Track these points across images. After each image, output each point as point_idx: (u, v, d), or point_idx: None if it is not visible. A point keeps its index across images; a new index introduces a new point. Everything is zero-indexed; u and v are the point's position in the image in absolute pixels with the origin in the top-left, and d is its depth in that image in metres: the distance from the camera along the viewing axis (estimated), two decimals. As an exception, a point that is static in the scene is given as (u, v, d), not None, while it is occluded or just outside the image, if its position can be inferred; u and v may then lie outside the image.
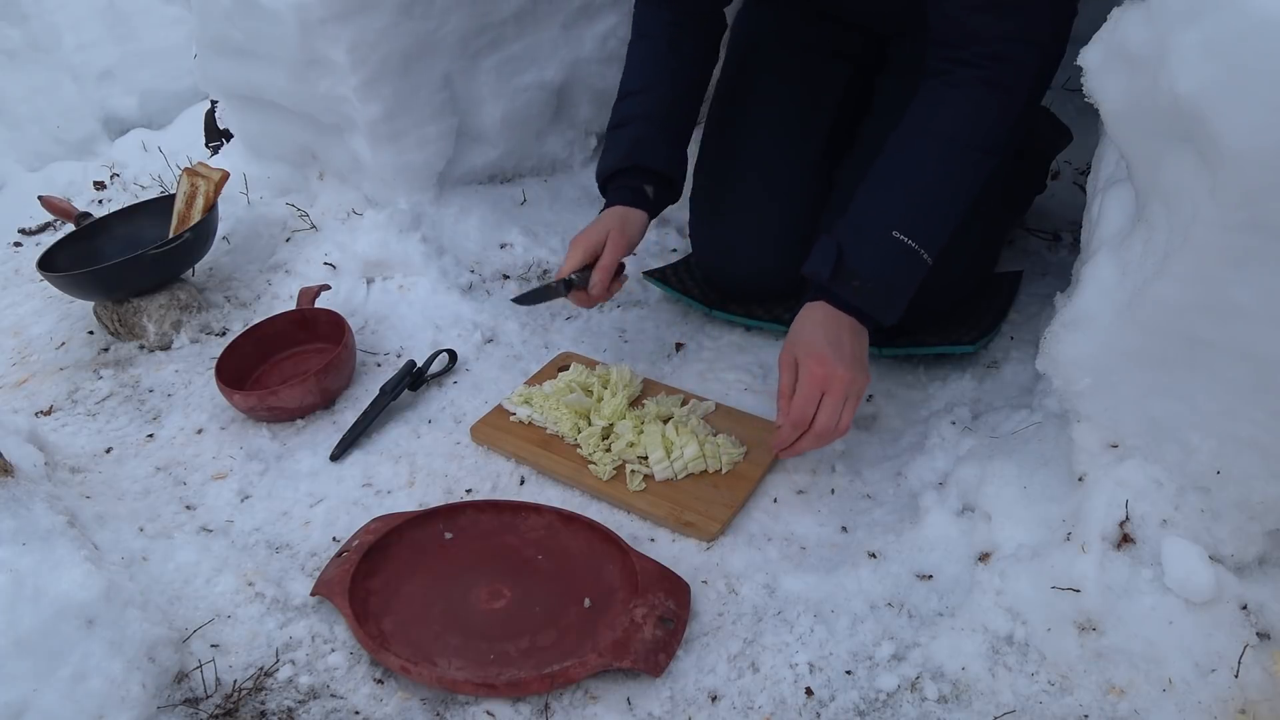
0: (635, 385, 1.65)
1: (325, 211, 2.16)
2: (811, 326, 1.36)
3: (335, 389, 1.73)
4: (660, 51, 1.68)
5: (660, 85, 1.67)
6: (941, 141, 1.36)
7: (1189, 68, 0.89)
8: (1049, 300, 1.36)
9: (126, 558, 1.37)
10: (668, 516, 1.41)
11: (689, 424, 1.53)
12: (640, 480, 1.46)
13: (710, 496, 1.43)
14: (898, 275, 1.36)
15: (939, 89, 1.37)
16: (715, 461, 1.47)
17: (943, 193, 1.37)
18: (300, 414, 1.70)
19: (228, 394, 1.68)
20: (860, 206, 1.39)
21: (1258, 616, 1.07)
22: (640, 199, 1.63)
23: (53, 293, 2.07)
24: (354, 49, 1.89)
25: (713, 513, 1.40)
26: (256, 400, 1.66)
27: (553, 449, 1.55)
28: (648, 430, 1.52)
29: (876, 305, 1.36)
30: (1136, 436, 1.12)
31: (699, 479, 1.47)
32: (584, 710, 1.16)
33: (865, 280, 1.34)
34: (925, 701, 1.13)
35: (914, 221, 1.35)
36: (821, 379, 1.31)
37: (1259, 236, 0.92)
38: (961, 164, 1.36)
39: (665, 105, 1.66)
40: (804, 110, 1.78)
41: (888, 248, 1.34)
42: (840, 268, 1.35)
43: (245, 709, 1.18)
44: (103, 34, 2.82)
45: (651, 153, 1.63)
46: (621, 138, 1.65)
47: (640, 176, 1.64)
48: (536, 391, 1.64)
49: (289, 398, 1.66)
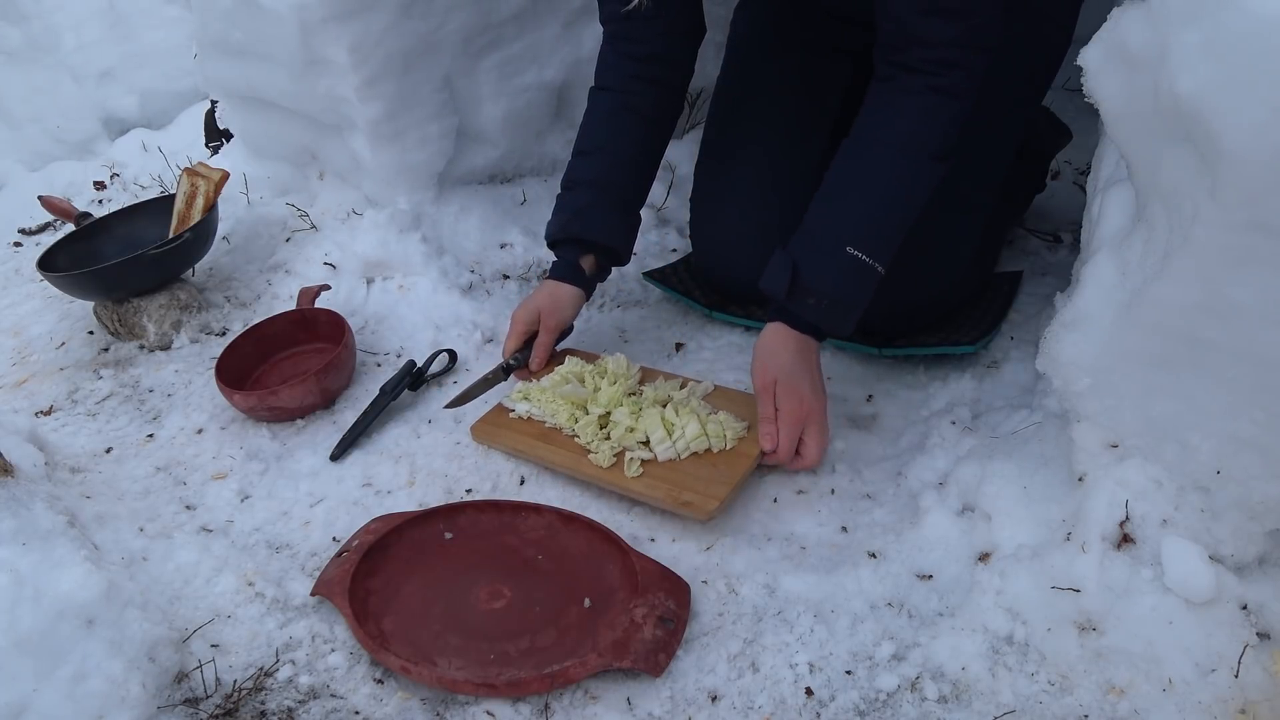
0: (633, 375, 1.64)
1: (325, 211, 2.16)
2: (785, 354, 1.41)
3: (335, 389, 1.73)
4: (615, 109, 1.67)
5: (612, 148, 1.66)
6: (892, 151, 1.37)
7: (1189, 68, 0.89)
8: (1049, 300, 1.36)
9: (126, 558, 1.37)
10: (665, 497, 1.40)
11: (689, 404, 1.53)
12: (638, 466, 1.45)
13: (709, 475, 1.42)
14: (852, 290, 1.39)
15: (887, 95, 1.38)
16: (719, 440, 1.46)
17: (894, 203, 1.38)
18: (300, 414, 1.69)
19: (227, 394, 1.67)
20: (813, 219, 1.41)
21: (1258, 616, 1.07)
22: (576, 274, 1.67)
23: (53, 293, 2.07)
24: (354, 49, 1.89)
25: (710, 490, 1.39)
26: (256, 400, 1.66)
27: (551, 441, 1.54)
28: (646, 413, 1.51)
29: (833, 321, 1.41)
30: (1136, 436, 1.12)
31: (700, 459, 1.46)
32: (584, 710, 1.16)
33: (821, 297, 1.38)
34: (925, 701, 1.13)
35: (866, 235, 1.37)
36: (803, 416, 1.39)
37: (1259, 236, 0.92)
38: (912, 173, 1.37)
39: (615, 170, 1.66)
40: (805, 109, 1.77)
41: (842, 263, 1.36)
42: (796, 285, 1.38)
43: (245, 709, 1.18)
44: (103, 34, 2.82)
45: (594, 224, 1.65)
46: (567, 204, 1.67)
47: (581, 248, 1.66)
48: (534, 387, 1.64)
49: (289, 398, 1.66)
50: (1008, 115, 1.63)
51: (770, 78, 1.79)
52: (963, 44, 1.32)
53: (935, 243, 1.61)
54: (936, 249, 1.62)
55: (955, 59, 1.33)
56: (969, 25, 1.32)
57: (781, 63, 1.79)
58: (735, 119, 1.82)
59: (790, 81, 1.77)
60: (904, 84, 1.35)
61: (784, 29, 1.79)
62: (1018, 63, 1.40)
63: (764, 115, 1.78)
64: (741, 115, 1.81)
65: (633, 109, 1.66)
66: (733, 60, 1.86)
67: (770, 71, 1.79)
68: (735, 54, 1.85)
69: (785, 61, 1.78)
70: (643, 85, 1.66)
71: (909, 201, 1.38)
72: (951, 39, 1.32)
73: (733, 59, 1.86)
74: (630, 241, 1.72)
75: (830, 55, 1.77)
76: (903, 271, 1.59)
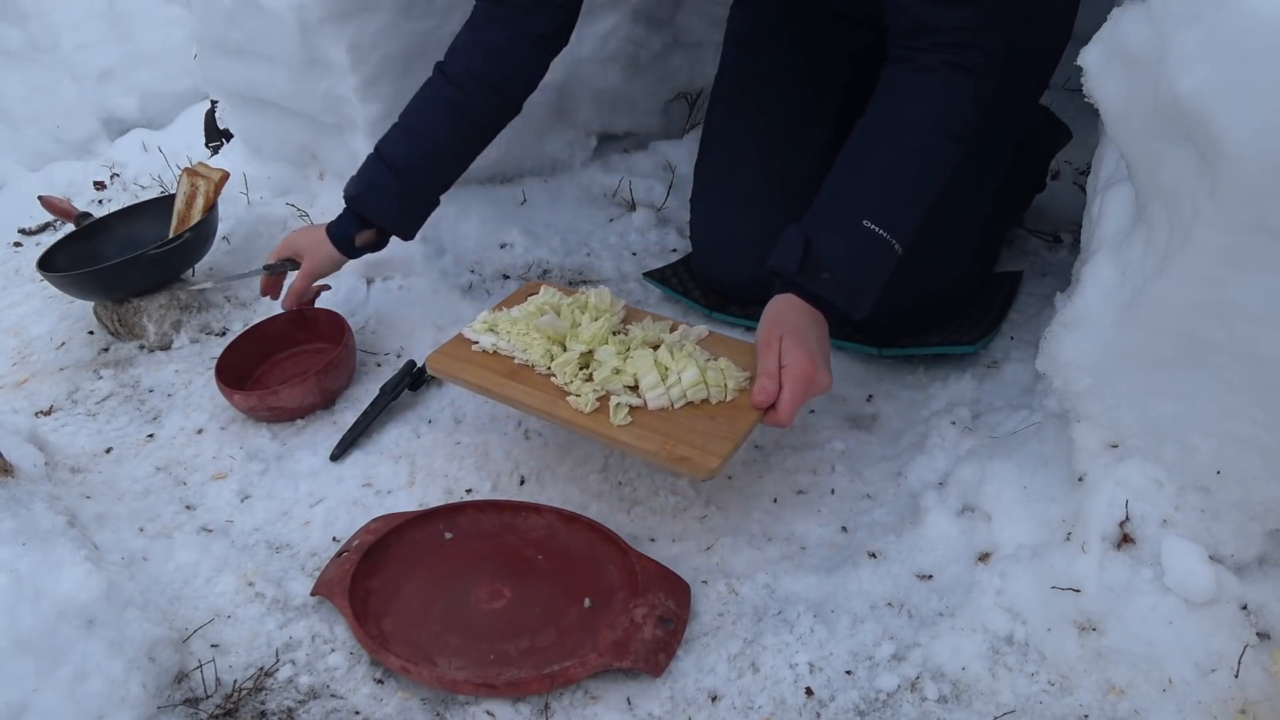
0: (617, 312, 1.46)
1: (325, 211, 2.16)
2: (798, 317, 1.31)
3: (335, 389, 1.73)
4: (444, 101, 1.63)
5: (428, 136, 1.64)
6: (911, 127, 1.32)
7: (1189, 68, 0.89)
8: (1049, 300, 1.36)
9: (126, 558, 1.37)
10: (659, 451, 1.24)
11: (684, 348, 1.37)
12: (625, 413, 1.29)
13: (707, 429, 1.26)
14: (869, 266, 1.31)
15: (905, 74, 1.33)
16: (719, 389, 1.31)
17: (914, 180, 1.32)
18: (300, 414, 1.69)
19: (227, 394, 1.67)
20: (828, 195, 1.34)
21: (1258, 616, 1.07)
22: (346, 244, 1.70)
23: (53, 293, 2.07)
24: (354, 49, 1.89)
25: (711, 445, 1.23)
26: (256, 400, 1.66)
27: (522, 379, 1.36)
28: (637, 354, 1.34)
29: (847, 298, 1.31)
30: (1136, 436, 1.12)
31: (695, 410, 1.30)
32: (584, 710, 1.16)
33: (835, 272, 1.29)
34: (925, 701, 1.13)
35: (885, 210, 1.30)
36: (810, 379, 1.27)
37: (1259, 236, 0.92)
38: (932, 149, 1.32)
39: (417, 160, 1.64)
40: (805, 108, 1.77)
41: (859, 238, 1.29)
42: (809, 259, 1.30)
43: (245, 709, 1.18)
44: (103, 34, 2.82)
45: (378, 206, 1.66)
46: (364, 174, 1.67)
47: (357, 221, 1.68)
48: (503, 316, 1.46)
49: (289, 398, 1.66)
50: (1007, 112, 1.63)
51: (768, 76, 1.78)
52: (976, 27, 1.29)
53: (934, 242, 1.61)
54: (936, 248, 1.62)
55: (970, 40, 1.30)
56: (980, 8, 1.29)
57: (780, 61, 1.78)
58: (734, 119, 1.82)
59: (789, 80, 1.76)
60: (921, 63, 1.32)
61: (782, 27, 1.78)
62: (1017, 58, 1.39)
63: (763, 115, 1.77)
64: (740, 115, 1.81)
65: (460, 107, 1.63)
66: (730, 59, 1.85)
67: (768, 70, 1.78)
68: (733, 53, 1.85)
69: (783, 60, 1.77)
70: (479, 87, 1.62)
71: (928, 179, 1.33)
72: (964, 23, 1.29)
73: (730, 58, 1.85)
74: (416, 225, 1.71)
75: (829, 53, 1.76)
76: (902, 271, 1.59)
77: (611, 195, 2.25)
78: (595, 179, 2.30)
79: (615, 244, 2.12)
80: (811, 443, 1.55)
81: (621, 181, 2.26)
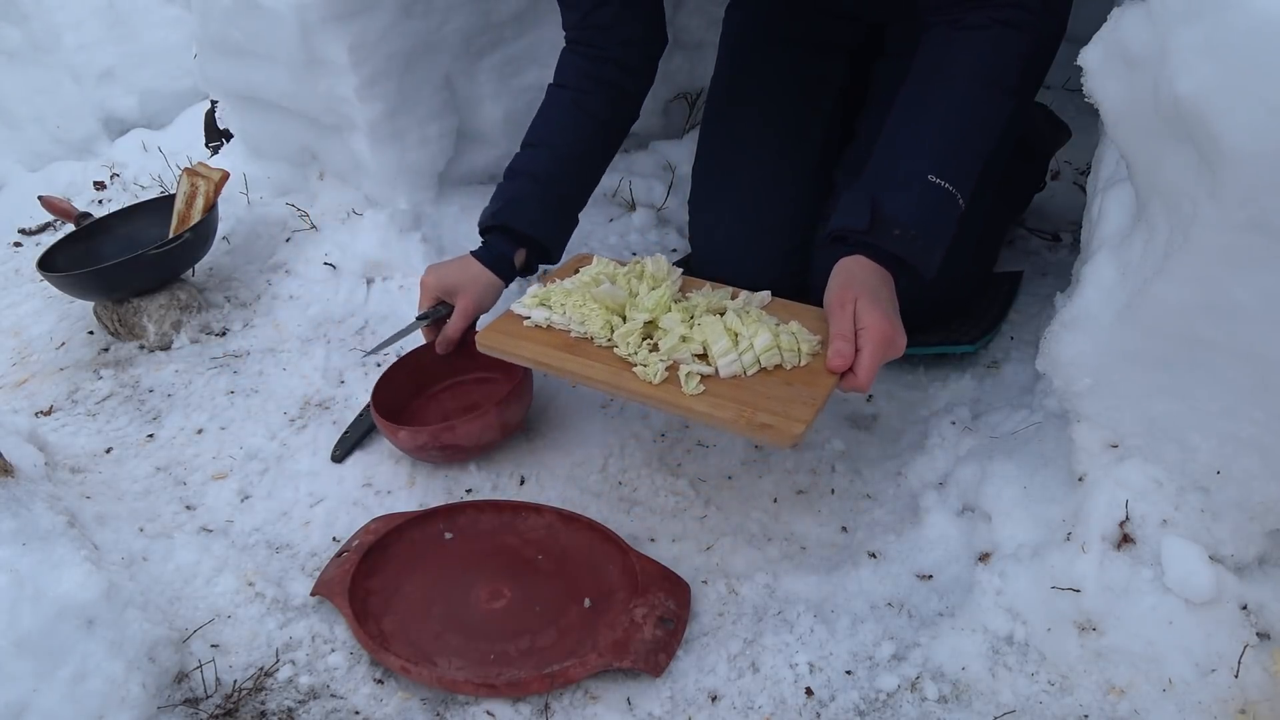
0: (675, 280, 1.41)
1: (325, 211, 2.16)
2: (871, 278, 1.26)
3: (514, 423, 1.54)
4: (565, 105, 1.63)
5: (557, 143, 1.62)
6: (964, 79, 1.30)
7: (1189, 68, 0.89)
8: (1049, 300, 1.36)
9: (126, 558, 1.37)
10: (737, 418, 1.18)
11: (751, 314, 1.31)
12: (697, 382, 1.23)
13: (785, 395, 1.20)
14: (938, 221, 1.28)
15: (948, 32, 1.32)
16: (793, 353, 1.25)
17: (971, 132, 1.30)
18: (476, 453, 1.53)
19: (390, 431, 1.49)
20: (886, 153, 1.32)
21: (1258, 616, 1.07)
22: (504, 265, 1.60)
23: (53, 293, 2.07)
24: (354, 49, 1.89)
25: (793, 411, 1.17)
26: (429, 438, 1.48)
27: (582, 352, 1.31)
28: (706, 320, 1.29)
29: (919, 253, 1.28)
30: (1136, 436, 1.12)
31: (767, 376, 1.24)
32: (584, 710, 1.16)
33: (907, 228, 1.26)
34: (925, 701, 1.13)
35: (946, 163, 1.28)
36: (890, 340, 1.21)
37: (1259, 236, 0.91)
38: (986, 101, 1.30)
39: (556, 166, 1.61)
40: (801, 109, 1.77)
41: (925, 193, 1.27)
42: (878, 217, 1.26)
43: (245, 709, 1.18)
44: (103, 34, 2.82)
45: (525, 216, 1.59)
46: (503, 192, 1.62)
47: (511, 238, 1.60)
48: (555, 289, 1.40)
49: (466, 434, 1.47)
50: None
51: (765, 77, 1.78)
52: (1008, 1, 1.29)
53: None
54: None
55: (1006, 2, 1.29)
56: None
57: (776, 62, 1.78)
58: (731, 120, 1.82)
59: (785, 80, 1.76)
60: (966, 21, 1.30)
61: (776, 28, 1.78)
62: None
63: (759, 115, 1.77)
64: (737, 116, 1.81)
65: (583, 107, 1.63)
66: (726, 61, 1.85)
67: (764, 71, 1.78)
68: (728, 54, 1.85)
69: (779, 60, 1.77)
70: (596, 86, 1.63)
71: (984, 130, 1.31)
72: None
73: (726, 59, 1.85)
74: (563, 240, 1.66)
75: (824, 53, 1.76)
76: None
77: (611, 195, 2.25)
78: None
79: (615, 244, 2.12)
80: (811, 443, 1.55)
81: (621, 181, 2.26)
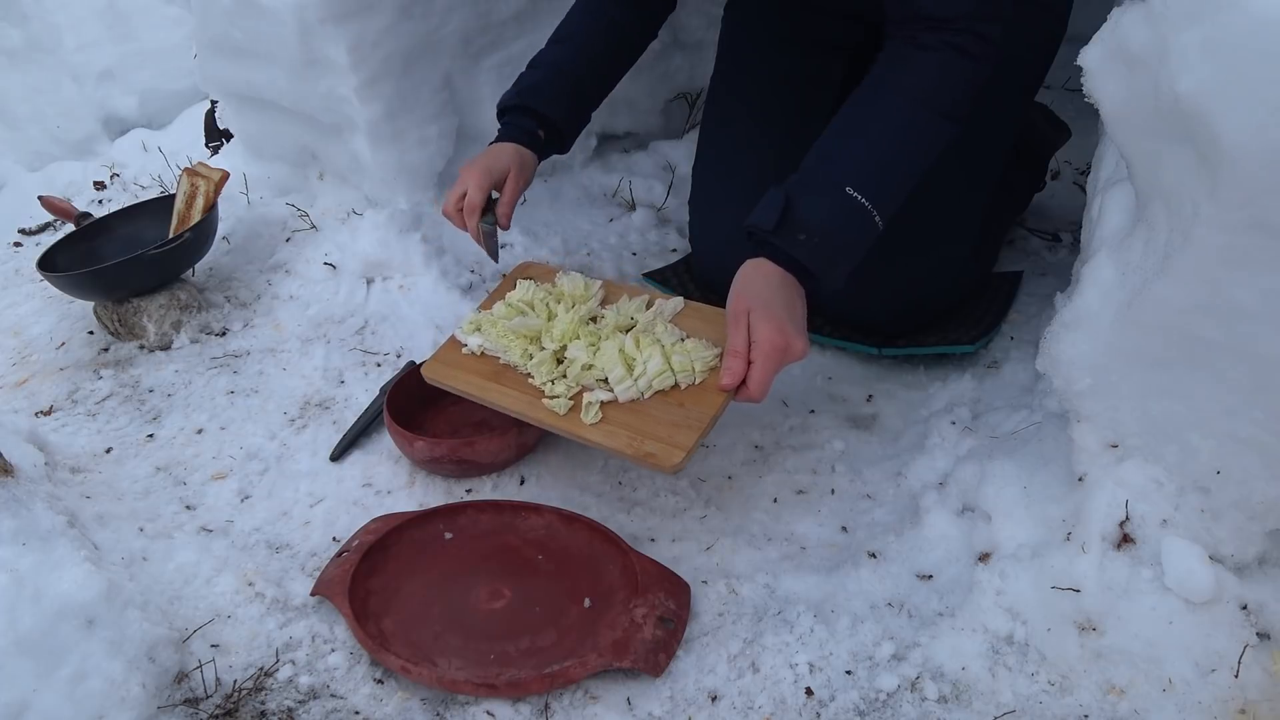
0: (593, 295, 1.46)
1: (325, 211, 2.16)
2: (764, 284, 1.28)
3: (530, 444, 1.53)
4: (592, 9, 1.71)
5: (581, 41, 1.69)
6: (902, 99, 1.31)
7: (1189, 68, 0.89)
8: (1049, 300, 1.36)
9: (126, 558, 1.37)
10: (626, 448, 1.25)
11: (654, 331, 1.36)
12: (596, 411, 1.29)
13: (675, 418, 1.25)
14: (847, 231, 1.29)
15: (901, 49, 1.33)
16: (686, 374, 1.29)
17: (899, 152, 1.31)
18: (492, 469, 1.51)
19: (406, 440, 1.48)
20: (813, 159, 1.33)
21: (1258, 616, 1.07)
22: (532, 140, 1.65)
23: (53, 293, 2.07)
24: (354, 49, 1.89)
25: (677, 437, 1.22)
26: (447, 451, 1.46)
27: (504, 381, 1.39)
28: (604, 347, 1.34)
29: (823, 263, 1.28)
30: (1136, 436, 1.12)
31: (666, 397, 1.29)
32: (584, 710, 1.16)
33: (813, 234, 1.27)
34: (925, 701, 1.13)
35: (867, 178, 1.28)
36: (783, 350, 1.24)
37: (1259, 236, 0.92)
38: (921, 125, 1.31)
39: (577, 61, 1.68)
40: (800, 108, 1.76)
41: (839, 202, 1.27)
42: (787, 218, 1.27)
43: (245, 709, 1.18)
44: (103, 34, 2.82)
45: (546, 99, 1.64)
46: (526, 77, 1.68)
47: (532, 118, 1.65)
48: (485, 317, 1.47)
49: (485, 451, 1.46)
50: (1002, 106, 1.62)
51: (763, 77, 1.78)
52: (976, 15, 1.29)
53: (933, 239, 1.61)
54: (934, 245, 1.62)
55: (969, 28, 1.29)
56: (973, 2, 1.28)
57: (774, 61, 1.77)
58: (730, 120, 1.82)
59: (783, 80, 1.76)
60: (920, 40, 1.31)
61: (774, 28, 1.78)
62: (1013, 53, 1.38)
63: (759, 115, 1.77)
64: (736, 116, 1.81)
65: (608, 13, 1.70)
66: (724, 61, 1.85)
67: (763, 70, 1.78)
68: (727, 54, 1.84)
69: (778, 60, 1.77)
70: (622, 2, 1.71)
71: (915, 154, 1.32)
72: (965, 12, 1.29)
73: (725, 59, 1.85)
74: (576, 128, 1.71)
75: (822, 52, 1.75)
76: (902, 269, 1.60)
77: (611, 195, 2.25)
78: (595, 179, 2.30)
79: (615, 244, 2.12)
80: (811, 443, 1.55)
81: (621, 181, 2.26)
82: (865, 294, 1.64)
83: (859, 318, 1.69)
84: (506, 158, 1.60)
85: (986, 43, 1.30)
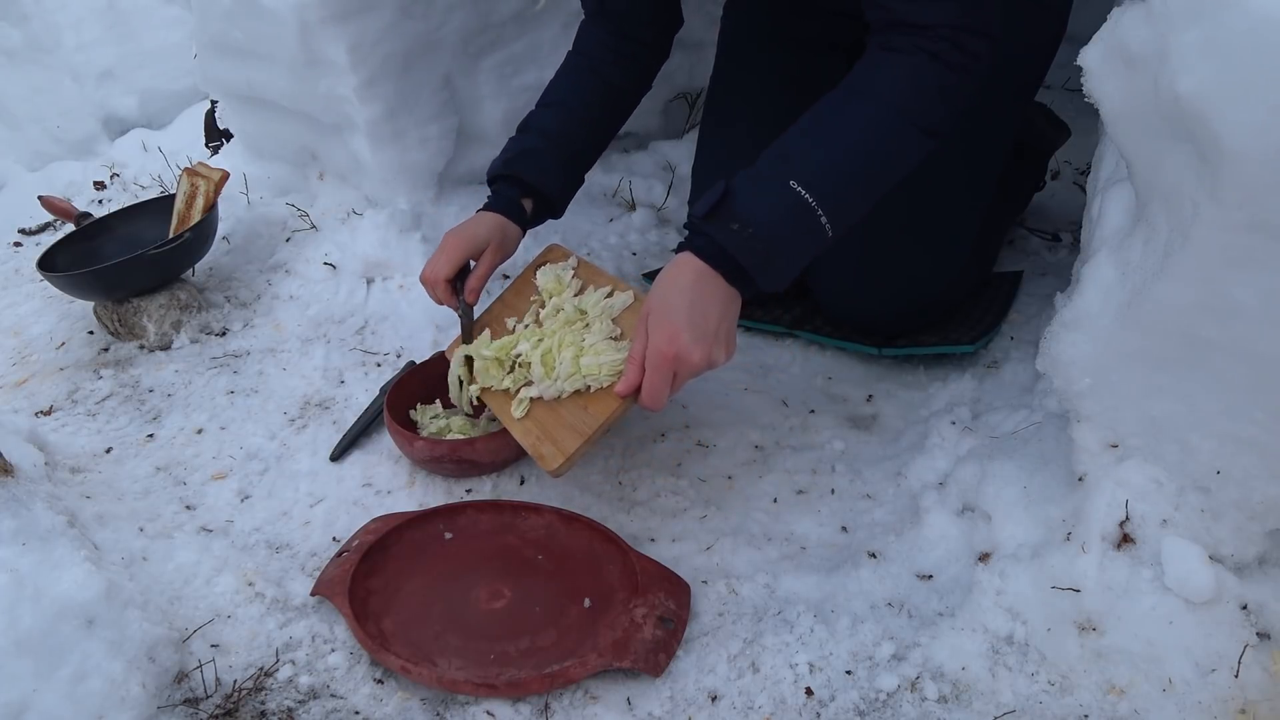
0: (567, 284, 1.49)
1: (325, 211, 2.16)
2: (674, 290, 1.21)
3: None
4: (581, 70, 1.67)
5: (570, 104, 1.64)
6: (869, 103, 1.23)
7: (1189, 68, 0.89)
8: (1049, 300, 1.36)
9: (126, 558, 1.37)
10: (530, 446, 1.31)
11: (594, 328, 1.37)
12: (525, 405, 1.33)
13: (574, 421, 1.27)
14: (785, 229, 1.20)
15: (877, 53, 1.27)
16: (594, 377, 1.29)
17: (860, 157, 1.23)
18: (488, 470, 1.51)
19: (405, 440, 1.49)
20: (767, 154, 1.26)
21: (1258, 616, 1.06)
22: (517, 212, 1.59)
23: (53, 293, 2.07)
24: (354, 49, 1.89)
25: (565, 441, 1.23)
26: (447, 450, 1.47)
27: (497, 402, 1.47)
28: (540, 346, 1.39)
29: (754, 256, 1.20)
30: (1136, 436, 1.12)
31: (578, 398, 1.31)
32: (584, 710, 1.16)
33: (746, 224, 1.19)
34: (925, 701, 1.13)
35: (818, 177, 1.20)
36: (671, 360, 1.18)
37: (1259, 236, 0.91)
38: (887, 130, 1.23)
39: (568, 125, 1.63)
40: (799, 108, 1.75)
41: (781, 197, 1.19)
42: (723, 207, 1.20)
43: (245, 709, 1.18)
44: (103, 34, 2.82)
45: (534, 168, 1.59)
46: (514, 144, 1.63)
47: (520, 188, 1.60)
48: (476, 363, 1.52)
49: (485, 450, 1.47)
50: (1001, 107, 1.62)
51: (762, 77, 1.78)
52: (956, 25, 1.22)
53: (933, 239, 1.61)
54: (934, 245, 1.62)
55: (948, 36, 1.23)
56: (962, 5, 1.22)
57: (772, 61, 1.77)
58: (728, 119, 1.82)
59: (782, 80, 1.76)
60: (893, 43, 1.25)
61: (773, 26, 1.78)
62: (1012, 52, 1.37)
63: (757, 115, 1.77)
64: (735, 116, 1.81)
65: (598, 73, 1.65)
66: (723, 61, 1.85)
67: (762, 70, 1.78)
68: (726, 54, 1.84)
69: (776, 59, 1.77)
70: (614, 56, 1.66)
71: (880, 162, 1.23)
72: (944, 20, 1.22)
73: (723, 59, 1.85)
74: (567, 196, 1.67)
75: (821, 51, 1.75)
76: (901, 269, 1.60)
77: (611, 195, 2.26)
78: (595, 179, 2.30)
79: (615, 244, 2.12)
80: (811, 443, 1.55)
81: (621, 181, 2.26)
82: (865, 294, 1.65)
83: (859, 318, 1.69)
84: (487, 230, 1.54)
85: (968, 55, 1.23)
